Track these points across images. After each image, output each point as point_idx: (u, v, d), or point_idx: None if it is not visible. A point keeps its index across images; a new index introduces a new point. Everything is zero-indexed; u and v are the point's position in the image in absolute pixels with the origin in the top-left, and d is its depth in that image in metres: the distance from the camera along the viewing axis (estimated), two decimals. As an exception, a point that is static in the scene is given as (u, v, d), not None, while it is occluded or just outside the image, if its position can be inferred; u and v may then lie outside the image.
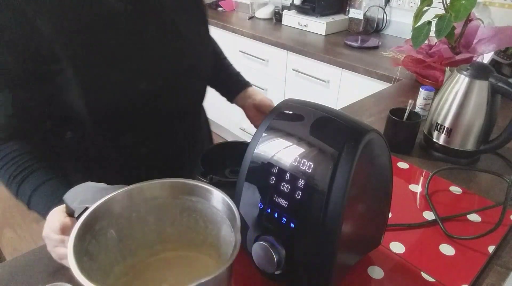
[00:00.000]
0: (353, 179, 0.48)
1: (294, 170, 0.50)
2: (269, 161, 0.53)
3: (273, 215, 0.53)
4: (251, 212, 0.55)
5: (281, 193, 0.51)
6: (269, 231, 0.54)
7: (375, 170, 0.56)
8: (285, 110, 0.56)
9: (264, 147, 0.54)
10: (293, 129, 0.53)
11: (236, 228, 0.47)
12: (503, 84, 0.86)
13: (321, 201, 0.48)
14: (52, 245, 0.57)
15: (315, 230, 0.49)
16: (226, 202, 0.51)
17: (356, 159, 0.48)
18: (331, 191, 0.47)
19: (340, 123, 0.52)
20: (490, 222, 0.74)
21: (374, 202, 0.59)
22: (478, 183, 0.88)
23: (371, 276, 0.62)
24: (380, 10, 2.22)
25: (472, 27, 1.37)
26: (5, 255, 1.76)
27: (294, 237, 0.51)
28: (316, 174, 0.49)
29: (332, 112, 0.54)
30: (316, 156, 0.49)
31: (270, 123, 0.55)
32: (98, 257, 0.49)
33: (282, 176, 0.51)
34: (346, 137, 0.49)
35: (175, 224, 0.57)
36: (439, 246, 0.69)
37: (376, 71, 1.67)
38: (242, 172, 0.56)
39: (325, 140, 0.50)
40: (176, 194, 0.55)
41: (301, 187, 0.50)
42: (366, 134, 0.49)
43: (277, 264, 0.52)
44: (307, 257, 0.52)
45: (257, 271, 0.57)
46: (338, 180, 0.47)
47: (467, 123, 0.91)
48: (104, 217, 0.51)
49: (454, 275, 0.63)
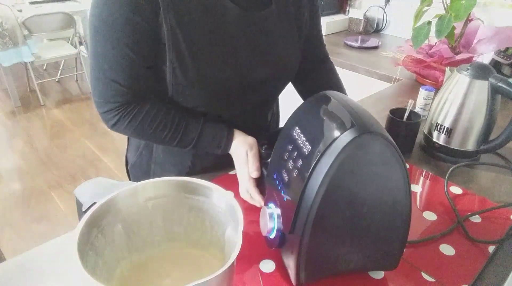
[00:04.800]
0: (333, 177, 0.48)
1: (299, 150, 0.54)
2: (288, 140, 0.59)
3: (278, 187, 0.58)
4: (269, 181, 0.63)
5: (287, 169, 0.56)
6: (274, 199, 0.60)
7: (378, 178, 0.51)
8: (318, 99, 0.61)
9: (289, 128, 0.60)
10: (311, 117, 0.58)
11: (238, 229, 0.47)
12: (503, 84, 0.86)
13: (302, 185, 0.50)
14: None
15: (292, 208, 0.53)
16: (229, 203, 0.51)
17: (340, 156, 0.47)
18: (310, 178, 0.50)
19: (348, 118, 0.51)
20: (493, 222, 0.74)
21: (378, 213, 0.54)
22: (478, 183, 0.88)
23: (371, 276, 0.62)
24: (380, 10, 2.22)
25: (472, 27, 1.37)
26: (5, 255, 1.76)
27: (284, 210, 0.57)
28: (307, 161, 0.51)
29: (356, 107, 0.54)
30: (313, 143, 0.52)
31: (301, 107, 0.62)
32: (104, 252, 0.49)
33: (292, 155, 0.56)
34: (341, 132, 0.49)
35: (182, 223, 0.58)
36: (439, 246, 0.69)
37: (376, 71, 1.67)
38: (274, 147, 0.64)
39: (327, 130, 0.52)
40: (181, 192, 0.55)
41: (298, 166, 0.53)
42: (363, 134, 0.48)
43: (271, 229, 0.58)
44: (285, 231, 0.56)
45: (258, 271, 0.57)
46: (317, 173, 0.49)
47: (467, 123, 0.91)
48: (112, 212, 0.51)
49: (454, 275, 0.63)
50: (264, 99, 0.90)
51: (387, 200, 0.53)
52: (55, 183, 2.45)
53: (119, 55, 0.68)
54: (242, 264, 0.63)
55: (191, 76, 0.72)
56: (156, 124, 0.75)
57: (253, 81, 0.80)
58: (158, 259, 0.57)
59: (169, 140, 0.78)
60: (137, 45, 0.68)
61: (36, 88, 3.43)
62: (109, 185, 0.53)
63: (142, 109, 0.75)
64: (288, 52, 0.84)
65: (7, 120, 3.24)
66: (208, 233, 0.57)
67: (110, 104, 0.73)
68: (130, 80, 0.71)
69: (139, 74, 0.72)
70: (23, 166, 2.63)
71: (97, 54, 0.69)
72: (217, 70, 0.74)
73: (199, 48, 0.71)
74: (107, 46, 0.68)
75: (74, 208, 0.76)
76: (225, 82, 0.76)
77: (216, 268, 0.41)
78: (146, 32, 0.67)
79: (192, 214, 0.57)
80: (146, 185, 0.54)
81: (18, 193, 2.36)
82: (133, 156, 0.96)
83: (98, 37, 0.68)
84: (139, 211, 0.54)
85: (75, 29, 3.39)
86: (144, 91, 0.75)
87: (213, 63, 0.73)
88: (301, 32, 0.87)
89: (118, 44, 0.67)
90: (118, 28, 0.66)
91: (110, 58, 0.69)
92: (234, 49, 0.74)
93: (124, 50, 0.68)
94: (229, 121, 0.82)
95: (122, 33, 0.66)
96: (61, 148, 2.84)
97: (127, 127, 0.75)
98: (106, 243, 0.50)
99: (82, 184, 0.55)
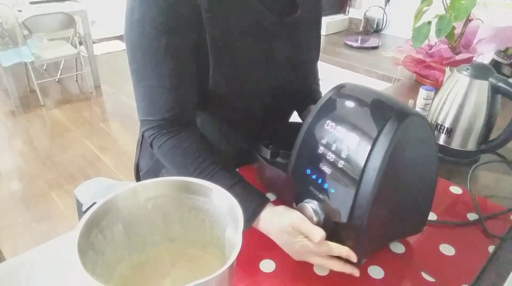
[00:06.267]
0: (390, 158, 0.53)
1: (341, 142, 0.57)
2: (321, 134, 0.60)
3: (317, 181, 0.60)
4: (299, 177, 0.64)
5: (327, 161, 0.58)
6: (312, 194, 0.61)
7: (418, 154, 0.59)
8: (341, 91, 0.63)
9: (317, 122, 0.62)
10: (344, 107, 0.61)
11: (238, 229, 0.47)
12: (503, 84, 0.86)
13: (358, 172, 0.54)
14: None
15: (349, 198, 0.55)
16: (229, 203, 0.51)
17: (395, 137, 0.53)
18: (367, 163, 0.53)
19: (386, 104, 0.57)
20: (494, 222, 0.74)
21: (417, 183, 0.62)
22: (478, 184, 0.88)
23: (371, 276, 0.62)
24: (380, 10, 2.22)
25: (472, 27, 1.37)
26: (5, 255, 1.76)
27: (332, 201, 0.58)
28: (358, 148, 0.55)
29: (381, 94, 0.60)
30: (360, 132, 0.56)
31: (327, 100, 0.63)
32: (104, 252, 0.49)
33: (330, 147, 0.58)
34: (389, 118, 0.54)
35: (182, 223, 0.58)
36: (439, 246, 0.69)
37: (376, 71, 1.68)
38: (296, 144, 0.64)
39: (370, 118, 0.56)
40: (181, 192, 0.55)
41: (344, 157, 0.56)
42: (409, 116, 0.54)
43: (317, 224, 0.59)
44: (340, 220, 0.57)
45: (258, 270, 0.57)
46: (376, 156, 0.53)
47: (467, 123, 0.91)
48: (112, 212, 0.51)
49: (454, 275, 0.63)
50: (288, 105, 0.93)
51: (423, 171, 0.61)
52: (55, 183, 2.45)
53: (162, 76, 0.68)
54: (242, 264, 0.63)
55: (230, 77, 0.74)
56: (189, 155, 0.70)
57: (281, 82, 0.82)
58: (158, 259, 0.57)
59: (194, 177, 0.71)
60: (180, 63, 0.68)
61: (36, 88, 3.43)
62: (109, 185, 0.53)
63: (180, 135, 0.71)
64: (310, 57, 0.89)
65: (7, 120, 3.24)
66: (208, 233, 0.57)
67: (149, 122, 0.71)
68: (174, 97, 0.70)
69: (183, 92, 0.71)
70: (23, 166, 2.63)
71: (138, 71, 0.69)
72: (253, 71, 0.76)
73: (236, 51, 0.73)
74: (149, 65, 0.68)
75: (74, 208, 0.76)
76: (260, 83, 0.78)
77: (216, 268, 0.41)
78: (187, 48, 0.68)
79: (192, 214, 0.57)
80: (146, 185, 0.54)
81: (18, 193, 2.36)
82: (147, 163, 0.94)
83: (139, 56, 0.68)
84: (139, 211, 0.54)
85: (75, 29, 3.39)
86: (188, 114, 0.74)
87: (250, 64, 0.76)
88: (319, 37, 0.91)
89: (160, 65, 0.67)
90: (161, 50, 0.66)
91: (151, 77, 0.68)
92: (267, 51, 0.77)
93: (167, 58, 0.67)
94: (253, 130, 0.83)
95: (164, 57, 0.67)
96: (61, 148, 2.83)
97: (159, 149, 0.72)
98: (106, 243, 0.50)
99: (82, 184, 0.55)
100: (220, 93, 0.76)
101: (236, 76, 0.75)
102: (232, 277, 0.48)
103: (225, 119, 0.85)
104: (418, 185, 0.62)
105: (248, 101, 0.81)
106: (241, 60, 0.75)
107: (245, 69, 0.76)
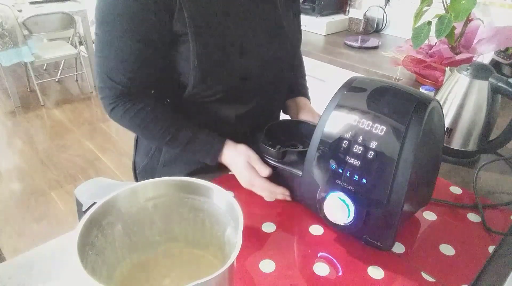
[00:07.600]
0: (420, 140, 0.56)
1: (367, 134, 0.59)
2: (343, 128, 0.62)
3: (345, 174, 0.62)
4: (322, 173, 0.65)
5: (354, 154, 0.61)
6: (340, 187, 0.63)
7: (436, 132, 0.64)
8: (354, 84, 0.65)
9: (337, 117, 0.63)
10: (363, 100, 0.62)
11: (238, 229, 0.47)
12: (503, 84, 0.86)
13: (393, 159, 0.57)
14: None
15: (386, 184, 0.58)
16: (229, 203, 0.51)
17: (424, 122, 0.57)
18: (402, 149, 0.57)
19: (406, 93, 0.61)
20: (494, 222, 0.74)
21: (431, 159, 0.67)
22: (478, 184, 0.88)
23: (371, 276, 0.62)
24: (380, 10, 2.22)
25: (472, 27, 1.37)
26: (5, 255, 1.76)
27: (365, 191, 0.60)
28: (389, 136, 0.58)
29: (393, 83, 0.64)
30: (388, 121, 0.58)
31: (342, 95, 0.64)
32: (104, 252, 0.49)
33: (356, 139, 0.60)
34: (415, 104, 0.58)
35: (182, 224, 0.58)
36: (439, 246, 0.69)
37: (376, 71, 1.67)
38: (314, 140, 0.65)
39: (395, 107, 0.59)
40: (181, 192, 0.55)
41: (373, 148, 0.59)
42: (431, 101, 0.59)
43: (349, 215, 0.61)
44: (377, 207, 0.60)
45: (258, 270, 0.57)
46: (409, 141, 0.56)
47: (467, 123, 0.91)
48: (112, 212, 0.51)
49: (454, 275, 0.63)
50: (276, 88, 0.93)
51: (436, 147, 0.67)
52: (55, 183, 2.45)
53: (125, 46, 0.71)
54: (242, 264, 0.63)
55: (215, 59, 0.75)
56: (150, 119, 0.78)
57: (269, 60, 0.84)
58: (158, 259, 0.57)
59: (161, 136, 0.80)
60: (146, 36, 0.71)
61: (36, 88, 3.43)
62: (109, 185, 0.54)
63: (139, 103, 0.78)
64: (292, 32, 0.89)
65: (7, 120, 3.24)
66: (208, 233, 0.57)
67: (108, 90, 0.76)
68: (132, 73, 0.74)
69: (145, 65, 0.75)
70: (23, 166, 2.63)
71: (104, 41, 0.72)
72: (239, 48, 0.77)
73: (220, 32, 0.75)
74: (113, 35, 0.71)
75: (74, 208, 0.76)
76: (246, 60, 0.79)
77: (216, 268, 0.41)
78: (158, 24, 0.70)
79: (192, 214, 0.57)
80: (146, 185, 0.54)
81: (18, 193, 2.36)
82: (143, 160, 0.95)
83: (105, 26, 0.71)
84: (139, 211, 0.54)
85: (75, 29, 3.39)
86: (146, 85, 0.79)
87: (235, 42, 0.77)
88: (299, 23, 0.94)
89: (124, 36, 0.70)
90: (127, 20, 0.69)
91: (115, 47, 0.72)
92: (251, 28, 0.79)
93: (130, 41, 0.71)
94: (240, 117, 0.86)
95: (131, 25, 0.69)
96: (61, 148, 2.83)
97: (122, 117, 0.78)
98: (106, 243, 0.50)
99: (82, 184, 0.55)
100: (206, 78, 0.77)
101: (222, 58, 0.76)
102: (232, 277, 0.48)
103: (218, 116, 0.86)
104: (432, 160, 0.68)
105: (239, 87, 0.82)
106: (224, 41, 0.76)
107: (230, 49, 0.77)
